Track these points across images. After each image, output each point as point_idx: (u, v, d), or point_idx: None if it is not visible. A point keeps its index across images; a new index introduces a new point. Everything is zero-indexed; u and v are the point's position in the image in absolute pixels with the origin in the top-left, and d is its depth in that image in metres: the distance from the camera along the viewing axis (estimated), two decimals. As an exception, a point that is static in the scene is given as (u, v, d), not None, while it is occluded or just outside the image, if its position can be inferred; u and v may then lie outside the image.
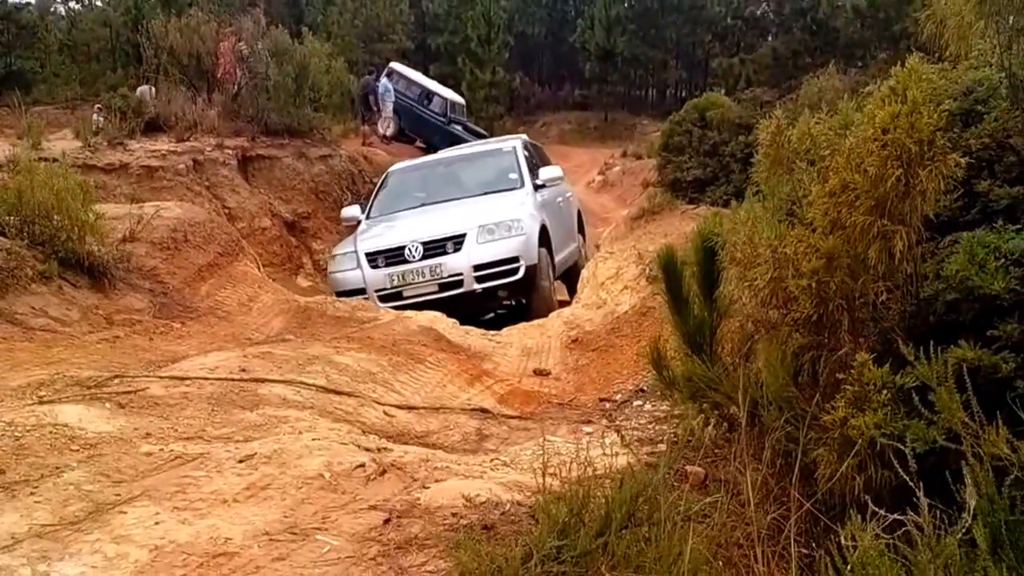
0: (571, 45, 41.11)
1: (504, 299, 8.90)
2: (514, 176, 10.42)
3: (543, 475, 2.86)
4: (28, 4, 37.73)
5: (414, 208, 10.07)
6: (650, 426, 4.02)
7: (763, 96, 16.32)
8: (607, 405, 4.62)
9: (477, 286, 8.59)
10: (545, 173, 10.39)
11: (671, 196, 11.42)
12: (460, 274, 8.59)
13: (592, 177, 25.57)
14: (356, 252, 9.11)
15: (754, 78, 28.84)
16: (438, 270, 8.67)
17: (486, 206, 9.41)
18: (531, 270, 8.75)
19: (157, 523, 2.51)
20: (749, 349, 3.35)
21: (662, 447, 3.44)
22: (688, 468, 3.02)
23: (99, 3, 40.87)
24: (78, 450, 3.03)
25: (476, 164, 11.28)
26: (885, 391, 2.43)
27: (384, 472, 2.98)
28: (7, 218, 5.78)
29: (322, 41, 18.81)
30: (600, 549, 2.12)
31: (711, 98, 14.00)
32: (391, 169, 11.74)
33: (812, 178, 3.43)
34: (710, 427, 3.22)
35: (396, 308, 8.00)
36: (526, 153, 11.09)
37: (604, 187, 25.32)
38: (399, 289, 8.69)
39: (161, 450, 3.10)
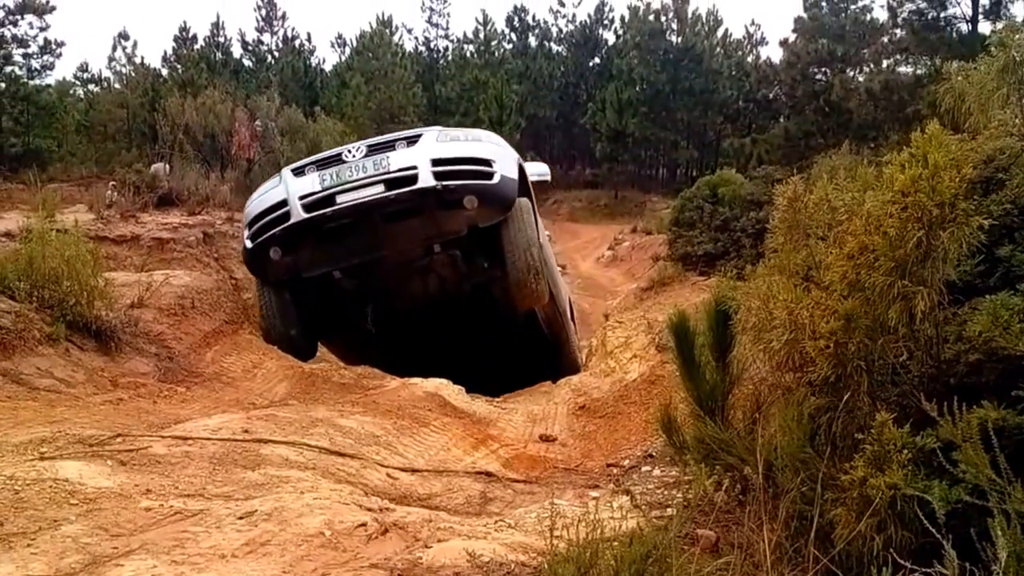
0: (582, 126, 41.67)
1: (470, 213, 6.72)
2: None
3: (550, 536, 2.77)
4: (48, 86, 38.56)
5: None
6: (659, 491, 3.92)
7: (775, 174, 16.42)
8: (615, 470, 4.52)
9: (435, 182, 6.54)
10: (531, 168, 8.26)
11: (681, 269, 11.39)
12: (413, 168, 6.59)
13: (602, 252, 25.65)
14: (280, 174, 7.20)
15: (766, 157, 29.08)
16: (383, 163, 6.64)
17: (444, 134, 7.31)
18: (509, 184, 6.87)
19: (150, 576, 2.41)
20: (762, 412, 3.28)
21: (672, 511, 3.34)
22: (699, 531, 2.92)
23: (117, 85, 41.76)
24: (77, 504, 2.95)
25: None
26: (906, 451, 2.37)
27: (386, 531, 2.88)
28: (17, 283, 5.83)
29: (336, 120, 19.06)
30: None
31: (723, 175, 14.09)
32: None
33: (830, 242, 3.40)
34: (722, 490, 3.12)
35: (327, 216, 6.52)
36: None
37: (613, 262, 25.39)
38: (331, 192, 6.59)
39: (161, 506, 3.01)
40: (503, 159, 7.00)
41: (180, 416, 4.95)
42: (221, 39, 48.35)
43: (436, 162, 6.66)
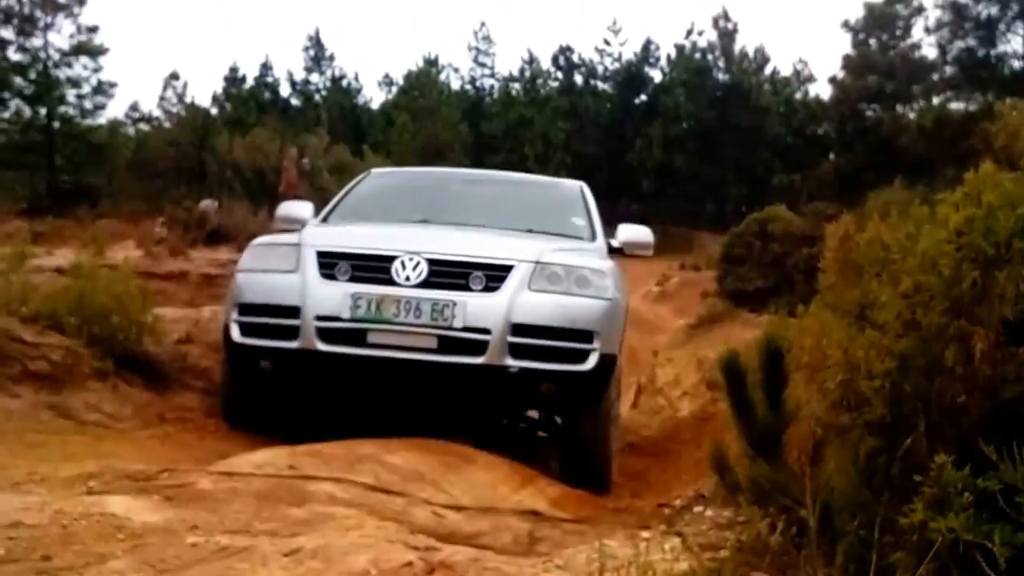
0: (628, 163, 41.70)
1: (544, 405, 5.59)
2: (580, 223, 6.47)
3: (599, 578, 2.73)
4: (100, 126, 39.63)
5: (414, 223, 6.02)
6: (712, 532, 3.85)
7: (826, 210, 16.31)
8: (666, 510, 4.48)
9: (511, 361, 4.82)
10: (626, 232, 6.45)
11: (731, 305, 11.32)
12: (486, 331, 4.81)
13: (649, 288, 25.53)
14: (299, 246, 5.18)
15: (816, 194, 28.94)
16: (446, 312, 4.79)
17: (546, 244, 5.56)
18: (608, 363, 5.05)
19: (196, 613, 2.41)
20: (817, 452, 3.22)
21: (725, 553, 3.28)
22: (753, 574, 2.86)
23: (167, 124, 42.71)
24: (124, 539, 2.96)
25: (519, 190, 7.42)
26: (966, 494, 2.31)
27: (432, 571, 2.86)
28: (67, 318, 5.92)
29: (382, 157, 19.30)
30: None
31: (773, 211, 14.02)
32: (375, 170, 7.79)
33: (883, 281, 3.36)
34: (776, 532, 3.06)
35: (348, 359, 4.85)
36: (594, 203, 6.95)
37: (661, 298, 25.25)
38: (365, 325, 4.82)
39: (207, 541, 3.01)
40: (610, 320, 5.13)
41: (226, 451, 4.98)
42: (270, 79, 49.34)
43: (517, 329, 4.83)
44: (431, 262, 4.93)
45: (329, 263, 5.00)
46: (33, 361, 5.34)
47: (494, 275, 4.95)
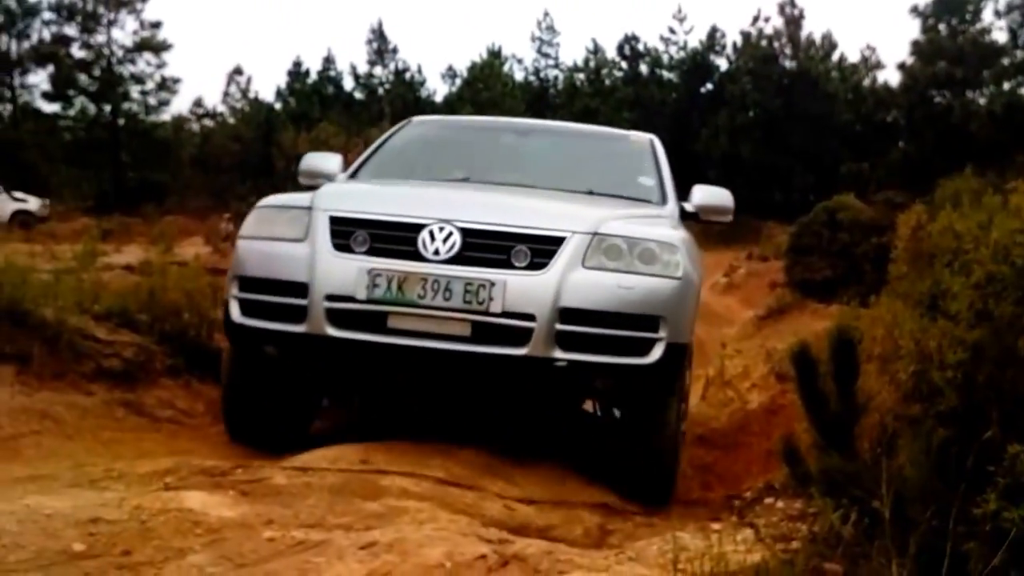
0: (694, 152, 41.34)
1: (598, 389, 4.68)
2: (648, 183, 5.63)
3: (673, 570, 2.76)
4: (164, 122, 40.37)
5: (452, 183, 5.35)
6: (783, 523, 3.85)
7: (896, 198, 16.06)
8: (736, 502, 4.46)
9: (559, 353, 4.05)
10: (703, 195, 5.55)
11: (800, 296, 11.19)
12: (530, 317, 4.02)
13: (717, 279, 25.29)
14: (310, 210, 4.37)
15: (885, 182, 28.46)
16: (482, 294, 4.00)
17: (608, 209, 4.78)
18: (676, 355, 4.31)
19: (276, 604, 2.48)
20: (890, 443, 3.21)
21: (797, 544, 3.28)
22: (826, 565, 2.86)
23: (231, 120, 43.35)
24: (201, 534, 3.04)
25: (579, 144, 6.42)
26: (1040, 483, 2.30)
27: (506, 564, 2.90)
28: (139, 316, 6.06)
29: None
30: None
31: (841, 200, 13.81)
32: (416, 118, 6.67)
33: (955, 271, 3.33)
34: (849, 523, 3.05)
35: (364, 346, 4.09)
36: (666, 160, 5.98)
37: (729, 289, 24.99)
38: (384, 307, 4.05)
39: (283, 536, 3.08)
40: (680, 303, 4.32)
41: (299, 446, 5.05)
42: (333, 72, 49.66)
43: (566, 315, 4.05)
44: (465, 232, 4.10)
45: (344, 231, 4.19)
46: (106, 359, 5.45)
47: (541, 249, 4.12)
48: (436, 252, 4.07)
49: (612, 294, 4.11)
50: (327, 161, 5.65)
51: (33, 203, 27.67)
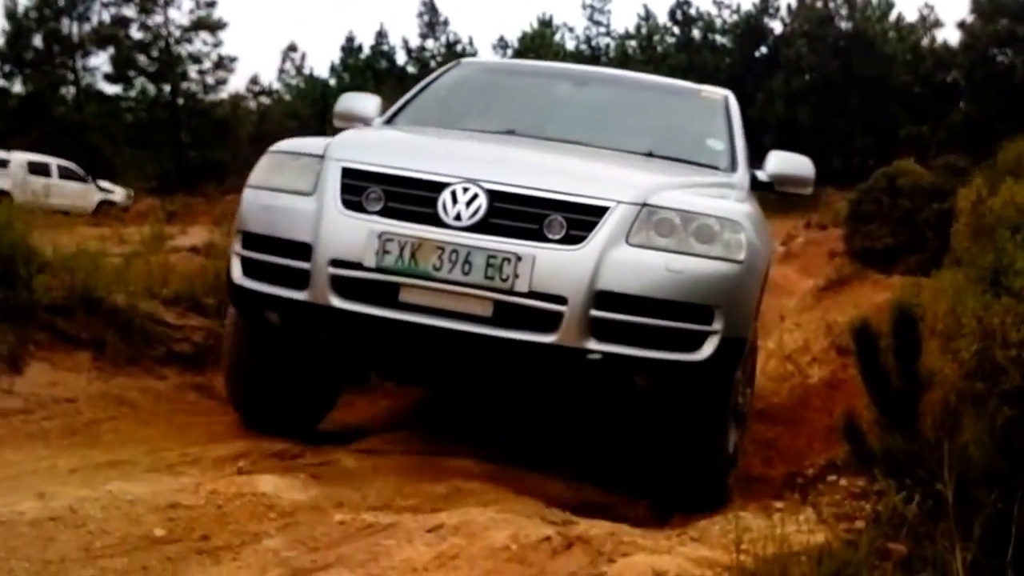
0: (750, 118, 40.81)
1: (638, 388, 3.81)
2: (718, 146, 5.06)
3: (736, 551, 2.79)
4: (222, 101, 40.99)
5: (495, 135, 4.73)
6: (846, 502, 3.86)
7: (957, 163, 15.76)
8: (798, 480, 4.47)
9: (593, 344, 3.52)
10: (778, 162, 4.95)
11: (860, 266, 11.07)
12: (561, 299, 3.49)
13: (775, 248, 25.10)
14: (323, 158, 3.85)
15: (945, 145, 27.91)
16: (506, 269, 3.48)
17: (663, 175, 4.27)
18: (732, 350, 3.76)
19: (349, 591, 2.57)
20: (953, 422, 3.20)
21: (860, 524, 3.30)
22: (890, 545, 2.88)
23: (287, 96, 43.82)
24: (275, 518, 3.13)
25: (644, 97, 5.76)
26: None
27: (570, 545, 2.96)
28: (206, 299, 6.10)
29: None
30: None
31: (901, 166, 13.60)
32: (466, 60, 6.07)
33: (1018, 244, 3.30)
34: (913, 503, 3.06)
35: (370, 321, 3.60)
36: (740, 120, 5.35)
37: (787, 258, 24.70)
38: (395, 278, 3.55)
39: (353, 519, 3.17)
40: (739, 291, 3.77)
41: (366, 428, 5.15)
42: (385, 47, 49.91)
43: (603, 299, 3.51)
44: (493, 195, 3.57)
45: (357, 186, 3.68)
46: (177, 343, 5.55)
47: (580, 220, 3.56)
48: (458, 217, 3.53)
49: (658, 277, 3.53)
50: (364, 103, 5.13)
51: (118, 194, 28.36)
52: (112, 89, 42.04)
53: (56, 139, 30.28)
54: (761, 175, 4.87)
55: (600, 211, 3.58)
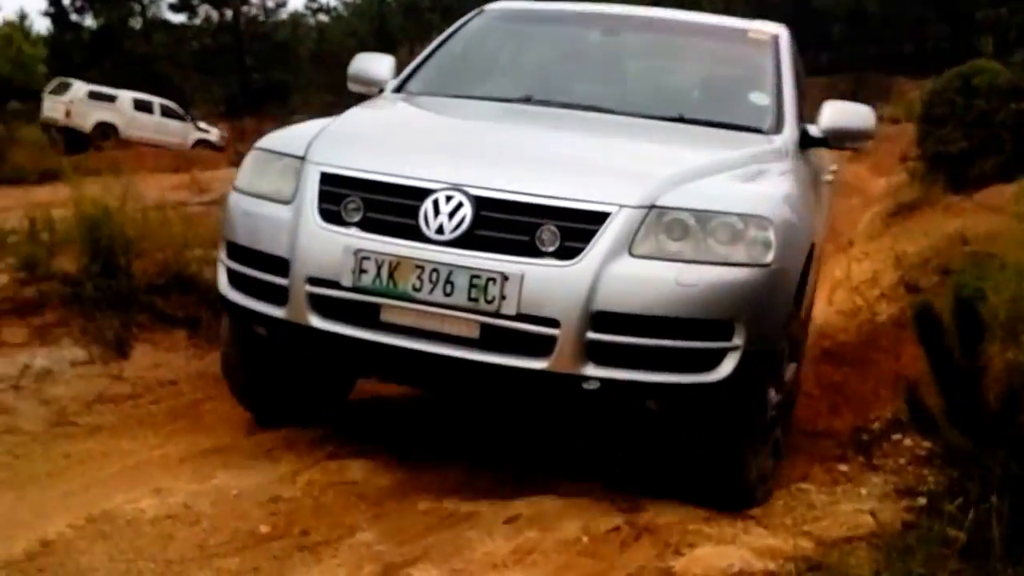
0: (816, 8, 39.62)
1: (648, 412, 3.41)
2: (762, 101, 4.54)
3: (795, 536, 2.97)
4: (283, 22, 41.35)
5: (508, 104, 4.52)
6: (910, 467, 3.99)
7: (1038, 56, 15.23)
8: (863, 437, 4.57)
9: (591, 370, 3.17)
10: (834, 115, 4.35)
11: (930, 184, 10.92)
12: (552, 322, 3.14)
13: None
14: (303, 161, 3.55)
15: (1026, 27, 26.75)
16: (491, 290, 3.15)
17: (684, 157, 3.83)
18: (757, 366, 3.36)
19: (439, 588, 2.81)
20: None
21: (921, 501, 3.42)
22: (949, 532, 2.98)
23: (345, 15, 43.72)
24: (365, 509, 3.37)
25: (682, 44, 5.26)
26: None
27: (639, 536, 3.18)
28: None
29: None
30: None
31: (976, 64, 13.21)
32: (491, 6, 5.31)
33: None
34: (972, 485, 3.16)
35: (350, 343, 3.35)
36: (793, 60, 4.81)
37: (858, 156, 24.20)
38: (374, 298, 3.27)
39: (436, 507, 3.40)
40: (766, 299, 3.35)
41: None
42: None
43: (601, 320, 3.15)
44: (480, 202, 3.23)
45: (335, 194, 3.40)
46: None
47: (576, 229, 3.18)
48: (440, 230, 3.20)
49: (666, 293, 3.15)
50: (376, 65, 4.73)
51: (214, 134, 29.78)
52: (177, 18, 42.90)
53: (127, 70, 30.87)
54: (814, 130, 4.37)
55: (599, 218, 3.20)
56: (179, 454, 3.86)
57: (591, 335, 3.11)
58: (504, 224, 3.21)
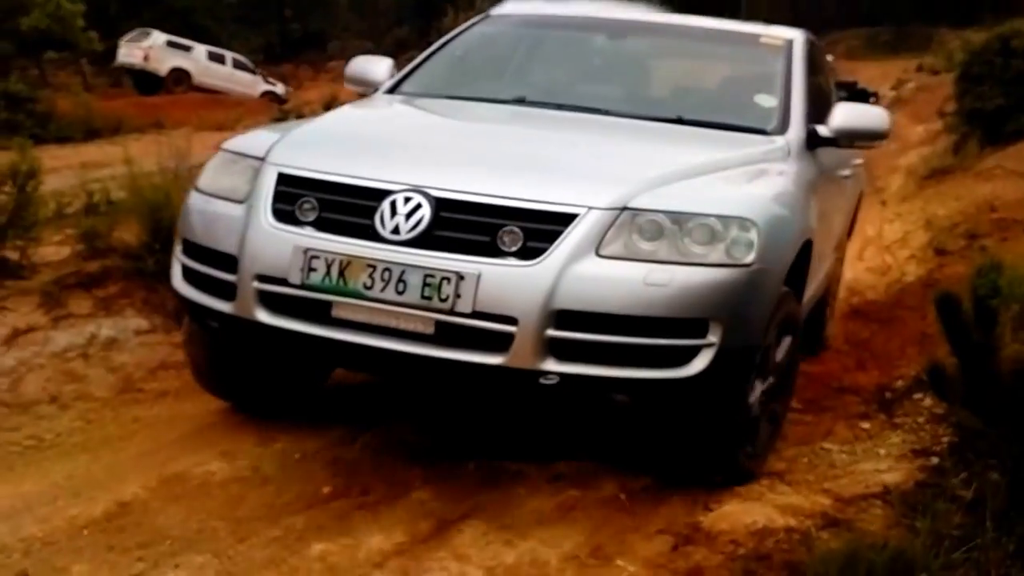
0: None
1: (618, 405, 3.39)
2: (768, 103, 4.50)
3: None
4: None
5: (499, 105, 4.54)
6: (927, 426, 4.18)
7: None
8: (887, 395, 4.76)
9: (552, 365, 3.12)
10: (845, 116, 4.34)
11: (965, 138, 10.96)
12: (510, 320, 3.09)
13: (883, 93, 24.40)
14: (263, 162, 3.59)
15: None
16: (445, 290, 3.11)
17: (671, 158, 3.82)
18: (734, 362, 3.31)
19: (488, 543, 3.08)
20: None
21: (935, 460, 3.64)
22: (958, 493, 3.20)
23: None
24: (421, 466, 3.62)
25: (689, 48, 5.30)
26: None
27: (671, 494, 3.45)
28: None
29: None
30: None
31: (1015, 25, 13.17)
32: (500, 10, 5.34)
33: None
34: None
35: (300, 339, 3.33)
36: (806, 63, 4.76)
37: (897, 104, 24.01)
38: (324, 295, 3.25)
39: (485, 465, 3.64)
40: (747, 296, 3.29)
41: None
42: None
43: (562, 318, 3.10)
44: (440, 204, 3.20)
45: (291, 194, 3.41)
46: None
47: (540, 230, 3.14)
48: (396, 230, 3.18)
49: (632, 293, 3.11)
50: (374, 66, 4.77)
51: (280, 87, 31.64)
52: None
53: (165, 21, 31.30)
54: (824, 130, 4.31)
55: (565, 219, 3.15)
56: (240, 418, 4.12)
57: (551, 332, 3.07)
58: (464, 225, 3.18)
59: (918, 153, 12.16)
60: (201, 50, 30.53)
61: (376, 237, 3.19)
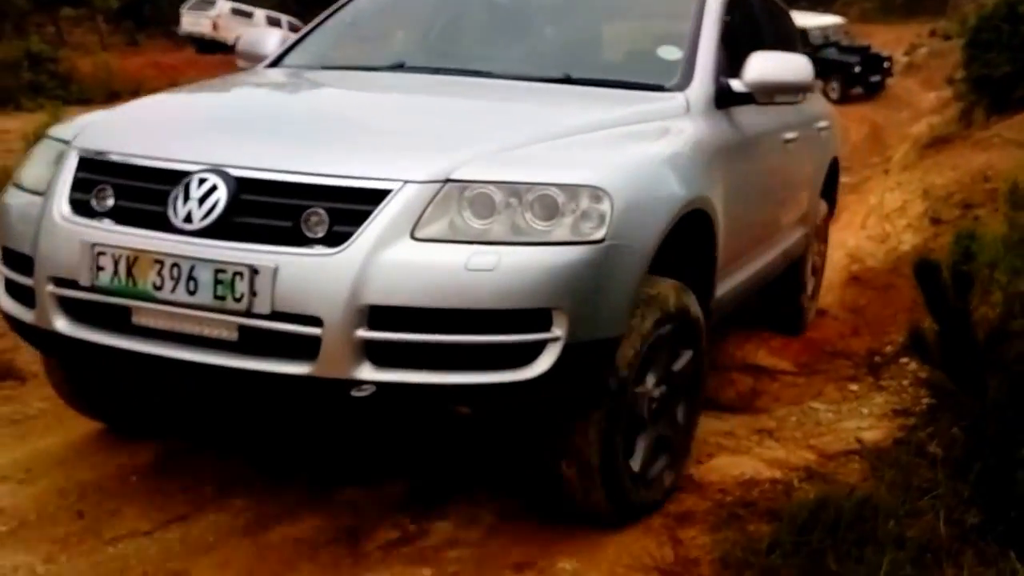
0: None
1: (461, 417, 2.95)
2: (672, 56, 3.92)
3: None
4: None
5: (375, 73, 4.05)
6: (910, 388, 4.47)
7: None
8: (876, 359, 5.05)
9: (368, 372, 2.58)
10: (761, 68, 3.76)
11: (972, 105, 11.12)
12: (314, 320, 2.56)
13: (896, 58, 24.46)
14: (68, 145, 3.06)
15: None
16: (239, 286, 2.59)
17: (525, 123, 3.26)
18: (587, 359, 2.75)
19: None
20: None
21: (913, 420, 3.92)
22: (929, 449, 3.48)
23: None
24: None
25: (593, 7, 4.53)
26: None
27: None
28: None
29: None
30: (829, 547, 2.72)
31: (1024, -7, 13.25)
32: None
33: None
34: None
35: (97, 351, 2.83)
36: (725, 9, 4.10)
37: (909, 70, 24.18)
38: (118, 299, 2.73)
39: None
40: (599, 284, 2.75)
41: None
42: None
43: (375, 316, 2.59)
44: (239, 184, 2.72)
45: (89, 181, 2.93)
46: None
47: (347, 211, 2.65)
48: (188, 218, 2.70)
49: (450, 282, 2.60)
50: (263, 40, 4.39)
51: None
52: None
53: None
54: (737, 85, 3.81)
55: (376, 196, 2.65)
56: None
57: (362, 333, 2.57)
58: (267, 208, 2.69)
59: (927, 122, 12.28)
60: (260, 15, 31.13)
61: (168, 227, 2.71)
